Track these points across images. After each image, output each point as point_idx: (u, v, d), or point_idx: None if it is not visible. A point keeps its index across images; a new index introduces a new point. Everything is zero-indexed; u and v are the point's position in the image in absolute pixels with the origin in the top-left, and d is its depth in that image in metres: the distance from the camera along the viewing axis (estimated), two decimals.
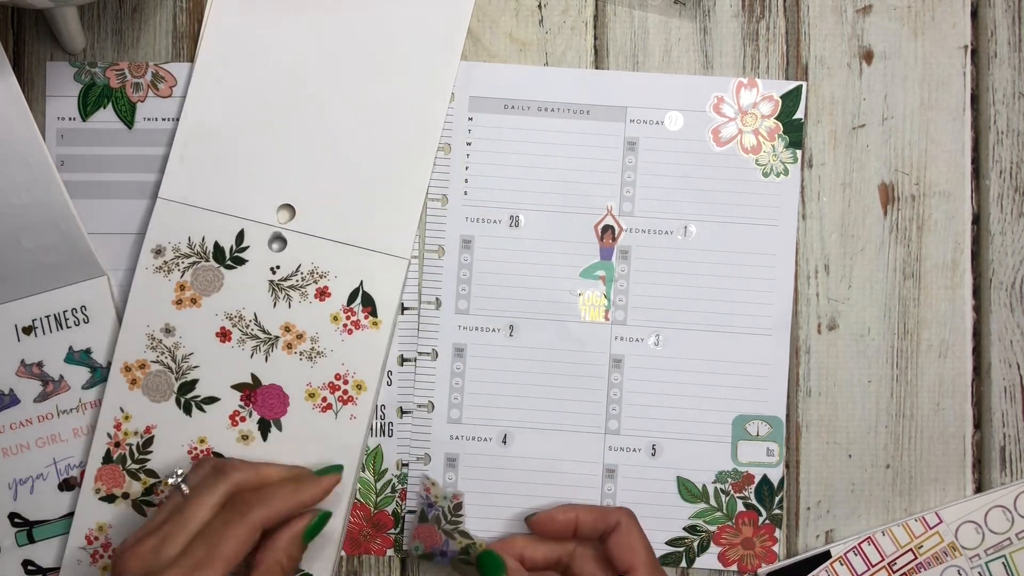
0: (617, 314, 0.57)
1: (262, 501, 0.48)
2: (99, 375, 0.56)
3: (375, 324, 0.56)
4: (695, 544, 0.57)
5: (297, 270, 0.56)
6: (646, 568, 0.51)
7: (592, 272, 0.58)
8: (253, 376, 0.56)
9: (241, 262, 0.56)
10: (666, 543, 0.57)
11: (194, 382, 0.56)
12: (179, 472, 0.51)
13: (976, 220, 0.58)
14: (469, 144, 0.58)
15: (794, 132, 0.58)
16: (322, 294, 0.56)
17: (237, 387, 0.56)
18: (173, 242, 0.56)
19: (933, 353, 0.58)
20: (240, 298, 0.56)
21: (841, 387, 0.58)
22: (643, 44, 0.58)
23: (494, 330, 0.57)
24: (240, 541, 0.47)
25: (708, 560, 0.57)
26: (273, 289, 0.56)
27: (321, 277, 0.56)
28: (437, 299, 0.58)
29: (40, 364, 0.56)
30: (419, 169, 0.57)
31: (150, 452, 0.56)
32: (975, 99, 0.58)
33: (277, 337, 0.56)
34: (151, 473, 0.55)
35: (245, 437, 0.56)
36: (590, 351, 0.57)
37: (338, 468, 0.54)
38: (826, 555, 0.57)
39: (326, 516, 0.52)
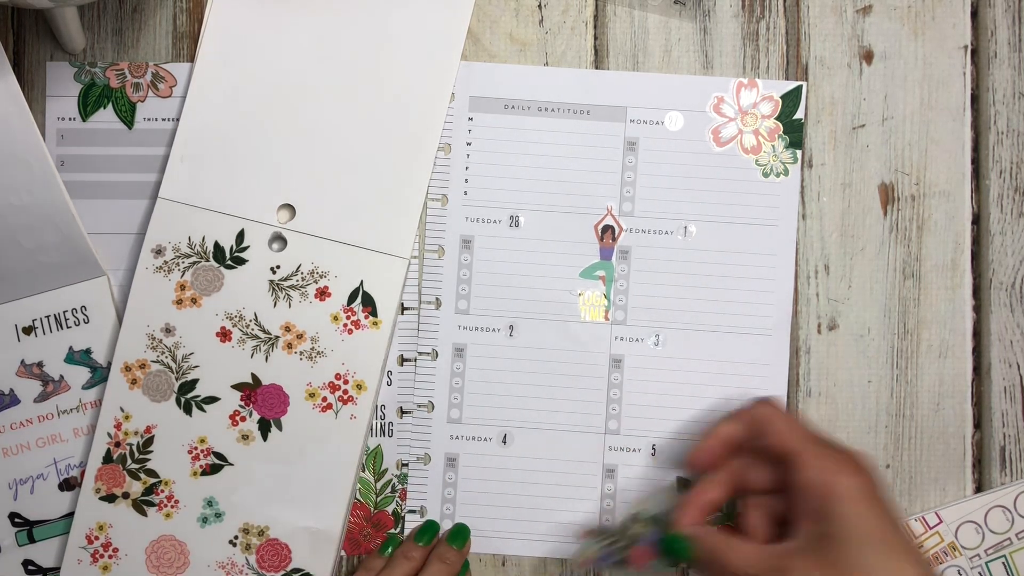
0: (617, 314, 0.57)
1: None
2: (99, 375, 0.56)
3: (375, 324, 0.56)
4: None
5: (297, 270, 0.56)
6: (806, 444, 0.48)
7: (592, 272, 0.58)
8: (253, 376, 0.56)
9: (241, 262, 0.56)
10: None
11: (194, 382, 0.56)
12: None
13: (976, 220, 0.58)
14: (469, 144, 0.58)
15: (794, 132, 0.58)
16: (322, 294, 0.56)
17: (237, 387, 0.56)
18: (173, 242, 0.56)
19: (933, 353, 0.58)
20: (240, 298, 0.56)
21: (841, 387, 0.58)
22: (643, 44, 0.58)
23: (494, 330, 0.57)
24: None
25: None
26: (273, 289, 0.56)
27: (321, 277, 0.56)
28: (437, 299, 0.58)
29: (40, 364, 0.56)
30: (419, 169, 0.57)
31: (150, 452, 0.56)
32: (975, 99, 0.58)
33: (277, 337, 0.56)
34: (151, 473, 0.56)
35: (245, 437, 0.56)
36: (590, 351, 0.57)
37: None
38: None
39: None
